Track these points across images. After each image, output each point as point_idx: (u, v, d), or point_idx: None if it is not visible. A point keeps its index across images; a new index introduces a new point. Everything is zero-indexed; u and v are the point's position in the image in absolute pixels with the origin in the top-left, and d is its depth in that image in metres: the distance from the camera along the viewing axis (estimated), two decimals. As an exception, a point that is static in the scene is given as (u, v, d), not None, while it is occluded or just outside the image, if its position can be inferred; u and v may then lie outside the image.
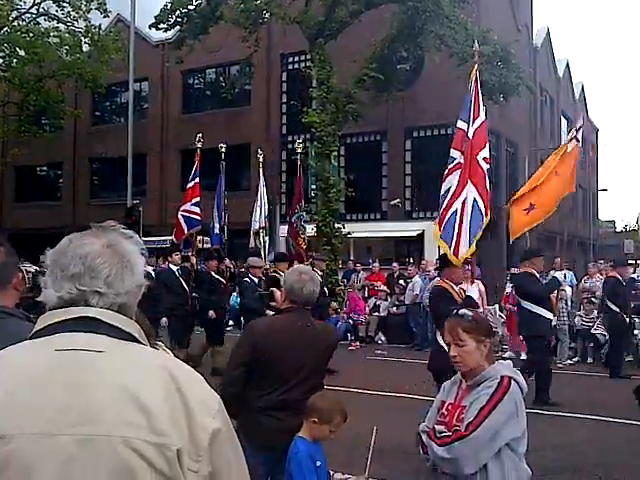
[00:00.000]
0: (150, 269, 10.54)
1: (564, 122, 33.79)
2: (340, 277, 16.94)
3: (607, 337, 10.68)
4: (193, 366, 1.29)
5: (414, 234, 19.55)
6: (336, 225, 16.88)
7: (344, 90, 17.16)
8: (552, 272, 12.88)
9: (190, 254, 10.55)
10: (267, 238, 12.53)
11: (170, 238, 21.35)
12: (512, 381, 2.53)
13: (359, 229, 18.61)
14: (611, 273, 10.14)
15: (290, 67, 24.82)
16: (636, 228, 48.58)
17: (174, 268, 9.53)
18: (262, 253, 11.86)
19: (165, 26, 18.88)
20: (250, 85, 24.32)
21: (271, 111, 24.88)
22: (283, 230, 24.01)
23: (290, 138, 24.66)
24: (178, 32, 19.89)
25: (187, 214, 10.86)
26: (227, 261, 10.51)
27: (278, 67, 24.75)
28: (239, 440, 1.26)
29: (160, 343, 2.52)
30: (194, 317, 9.89)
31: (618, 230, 50.78)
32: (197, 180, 11.24)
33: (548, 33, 31.32)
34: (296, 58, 24.22)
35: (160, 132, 26.75)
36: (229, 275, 10.47)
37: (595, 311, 11.10)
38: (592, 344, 10.95)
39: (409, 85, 20.87)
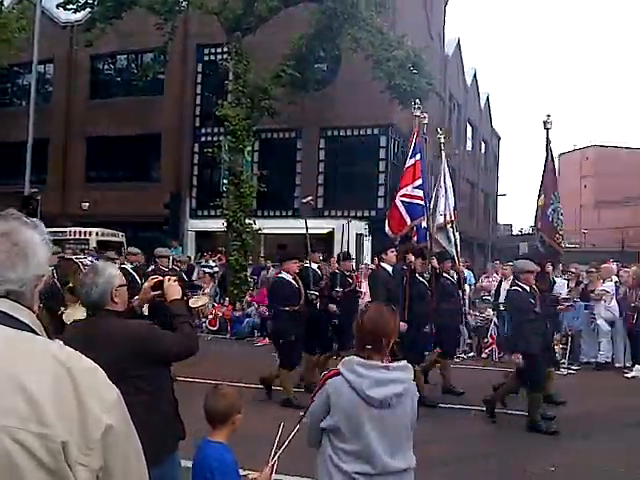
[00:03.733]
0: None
1: (469, 129, 35.42)
2: (249, 273, 16.89)
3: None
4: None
5: (325, 232, 19.79)
6: (247, 221, 16.79)
7: (260, 86, 17.09)
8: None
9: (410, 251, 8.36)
10: (457, 234, 9.79)
11: (73, 229, 20.56)
12: (339, 375, 2.61)
13: (270, 225, 18.63)
14: None
15: (206, 59, 24.41)
16: (531, 232, 51.46)
17: (388, 268, 7.89)
18: (454, 251, 9.55)
19: (74, 7, 18.01)
20: (164, 74, 23.67)
21: (184, 102, 24.34)
22: (193, 225, 23.65)
23: (203, 130, 24.24)
24: (89, 14, 19.04)
25: (408, 199, 8.78)
26: (434, 261, 8.62)
27: (194, 58, 24.28)
28: None
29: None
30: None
31: (514, 233, 53.65)
32: (418, 157, 9.01)
33: (459, 43, 32.66)
34: (213, 50, 23.86)
35: (65, 118, 25.51)
36: (434, 277, 8.48)
37: (489, 309, 11.70)
38: (487, 341, 11.57)
39: (326, 85, 21.10)
